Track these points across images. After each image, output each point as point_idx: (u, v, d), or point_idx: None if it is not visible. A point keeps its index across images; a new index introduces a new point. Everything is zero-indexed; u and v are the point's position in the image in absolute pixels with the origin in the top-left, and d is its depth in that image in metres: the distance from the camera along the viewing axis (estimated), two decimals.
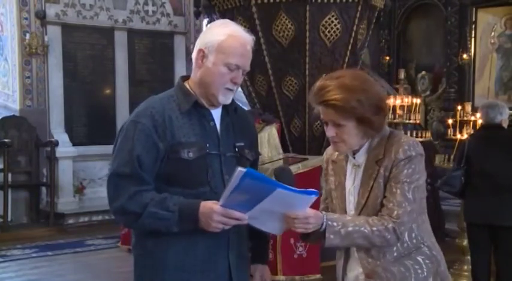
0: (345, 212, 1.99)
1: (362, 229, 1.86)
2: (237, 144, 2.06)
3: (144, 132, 1.94)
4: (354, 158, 1.99)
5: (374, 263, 1.94)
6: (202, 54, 1.99)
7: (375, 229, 1.86)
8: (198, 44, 2.02)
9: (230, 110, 2.08)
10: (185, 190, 1.94)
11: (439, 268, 1.97)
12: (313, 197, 1.81)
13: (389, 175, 1.90)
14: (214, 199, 1.87)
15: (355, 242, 1.88)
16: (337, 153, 2.06)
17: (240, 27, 2.04)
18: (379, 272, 1.93)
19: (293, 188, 1.80)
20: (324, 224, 1.86)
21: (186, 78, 2.10)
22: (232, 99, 2.07)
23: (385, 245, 1.90)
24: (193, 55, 2.03)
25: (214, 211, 1.83)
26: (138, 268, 2.06)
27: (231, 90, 2.00)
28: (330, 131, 1.95)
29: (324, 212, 1.90)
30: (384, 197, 1.90)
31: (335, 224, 1.86)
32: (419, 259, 1.94)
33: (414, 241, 1.94)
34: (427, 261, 1.94)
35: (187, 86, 2.05)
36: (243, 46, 1.99)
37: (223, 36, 1.97)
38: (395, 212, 1.86)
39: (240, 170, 1.71)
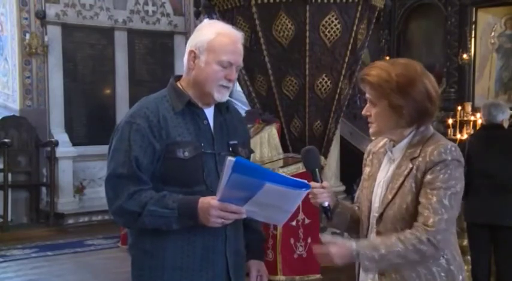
0: (371, 203, 1.97)
1: (395, 248, 1.79)
2: (231, 142, 2.08)
3: (139, 132, 1.94)
4: (392, 152, 1.97)
5: None
6: (194, 55, 2.00)
7: (408, 244, 1.79)
8: (189, 46, 2.03)
9: (222, 108, 2.09)
10: (181, 189, 1.95)
11: None
12: (304, 192, 1.81)
13: (422, 178, 1.84)
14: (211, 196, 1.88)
15: (393, 262, 1.82)
16: (379, 145, 2.05)
17: (228, 25, 2.05)
18: (390, 273, 1.90)
19: (285, 177, 1.80)
20: (355, 252, 1.81)
21: (178, 78, 2.10)
22: None
23: (425, 259, 1.83)
24: (185, 57, 2.04)
25: (211, 206, 1.84)
26: (136, 268, 2.06)
27: (226, 87, 2.01)
28: (365, 109, 1.95)
29: (352, 241, 1.84)
30: (419, 203, 1.84)
31: (367, 252, 1.81)
32: (434, 270, 1.88)
33: None
34: (442, 274, 1.88)
35: (180, 86, 2.06)
36: (233, 43, 2.00)
37: (213, 35, 1.98)
38: (431, 220, 1.79)
39: (230, 159, 1.73)
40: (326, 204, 1.93)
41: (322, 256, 1.84)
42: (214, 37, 1.98)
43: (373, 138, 2.09)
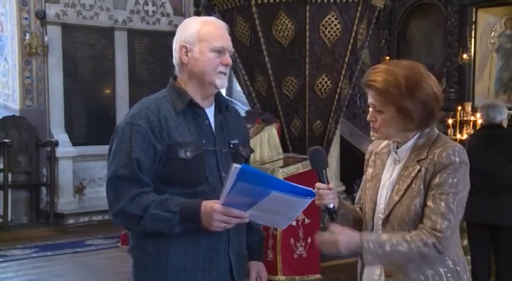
0: (375, 204, 1.96)
1: (400, 248, 1.80)
2: (232, 142, 2.08)
3: (140, 133, 1.94)
4: (396, 153, 1.95)
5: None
6: (186, 50, 2.01)
7: (413, 246, 1.80)
8: (177, 43, 2.05)
9: (222, 107, 2.10)
10: (184, 189, 1.95)
11: None
12: (309, 200, 1.79)
13: (430, 180, 1.84)
14: (214, 196, 1.88)
15: (395, 261, 1.84)
16: (381, 145, 2.04)
17: (210, 17, 2.12)
18: (397, 273, 1.90)
19: (291, 185, 1.78)
20: (360, 244, 1.82)
21: (176, 78, 2.11)
22: (224, 97, 2.10)
23: (426, 260, 1.85)
24: (176, 55, 2.05)
25: (214, 210, 1.83)
26: (138, 270, 2.05)
27: (224, 73, 2.03)
28: (370, 115, 1.93)
29: (357, 233, 1.85)
30: (426, 205, 1.84)
31: (371, 245, 1.81)
32: (441, 270, 1.88)
33: None
34: (448, 274, 1.89)
35: (180, 86, 2.06)
36: (219, 29, 2.04)
37: (199, 26, 2.01)
38: (439, 226, 1.80)
39: (236, 166, 1.71)
40: (331, 206, 1.92)
41: (328, 243, 1.84)
42: (201, 27, 2.01)
43: (373, 138, 2.08)
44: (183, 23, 2.10)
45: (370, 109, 1.92)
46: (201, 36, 1.99)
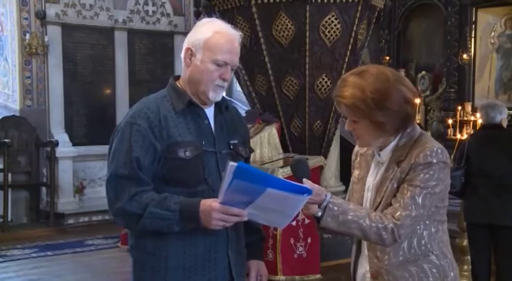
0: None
1: (361, 221, 1.81)
2: (231, 141, 2.08)
3: (140, 133, 1.94)
4: (379, 155, 1.96)
5: (379, 264, 1.92)
6: (190, 53, 2.00)
7: (373, 224, 1.81)
8: (186, 43, 2.03)
9: (222, 108, 2.09)
10: (183, 189, 1.95)
11: (445, 278, 1.92)
12: (306, 197, 1.79)
13: (404, 177, 1.85)
14: (213, 196, 1.88)
15: (351, 231, 1.84)
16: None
17: (227, 25, 2.04)
18: (382, 274, 1.91)
19: (287, 183, 1.78)
20: (325, 204, 1.83)
21: (177, 78, 2.11)
22: (223, 97, 2.09)
23: (381, 244, 1.86)
24: (182, 54, 2.04)
25: (213, 209, 1.83)
26: (137, 269, 2.05)
27: (221, 87, 2.01)
28: (347, 125, 1.94)
29: (328, 193, 1.86)
30: (395, 196, 1.86)
31: (335, 208, 1.82)
32: (426, 266, 1.89)
33: (423, 248, 1.90)
34: (433, 270, 1.90)
35: (179, 85, 2.06)
36: (229, 42, 1.99)
37: (210, 34, 1.98)
38: (399, 213, 1.81)
39: (232, 164, 1.71)
40: (319, 214, 1.88)
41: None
42: (211, 36, 1.97)
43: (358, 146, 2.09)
44: (198, 24, 2.07)
45: (347, 120, 1.93)
46: (208, 46, 1.96)
